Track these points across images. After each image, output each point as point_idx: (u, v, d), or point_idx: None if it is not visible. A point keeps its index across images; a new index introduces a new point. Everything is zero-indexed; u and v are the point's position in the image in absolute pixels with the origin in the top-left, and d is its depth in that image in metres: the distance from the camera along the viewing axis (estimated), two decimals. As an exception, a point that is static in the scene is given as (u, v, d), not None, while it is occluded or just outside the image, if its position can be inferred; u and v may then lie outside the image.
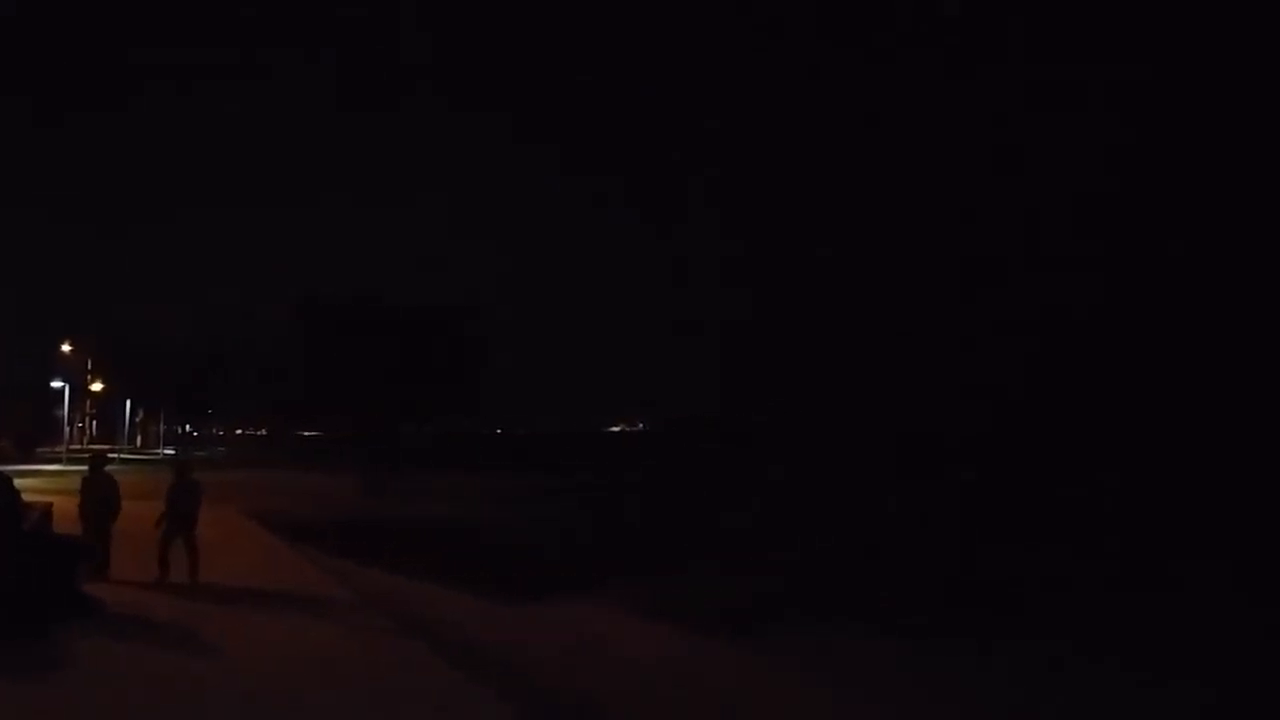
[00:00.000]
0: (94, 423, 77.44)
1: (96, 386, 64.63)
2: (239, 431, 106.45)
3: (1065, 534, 18.09)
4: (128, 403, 71.51)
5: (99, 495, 11.14)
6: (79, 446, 56.55)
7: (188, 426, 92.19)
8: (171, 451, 70.57)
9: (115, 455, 34.49)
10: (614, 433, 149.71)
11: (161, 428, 79.47)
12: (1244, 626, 11.69)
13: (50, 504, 11.69)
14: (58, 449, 48.86)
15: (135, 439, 78.98)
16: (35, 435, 52.77)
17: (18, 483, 9.96)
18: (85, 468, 11.93)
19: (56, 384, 54.25)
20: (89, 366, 63.09)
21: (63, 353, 56.39)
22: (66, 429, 54.80)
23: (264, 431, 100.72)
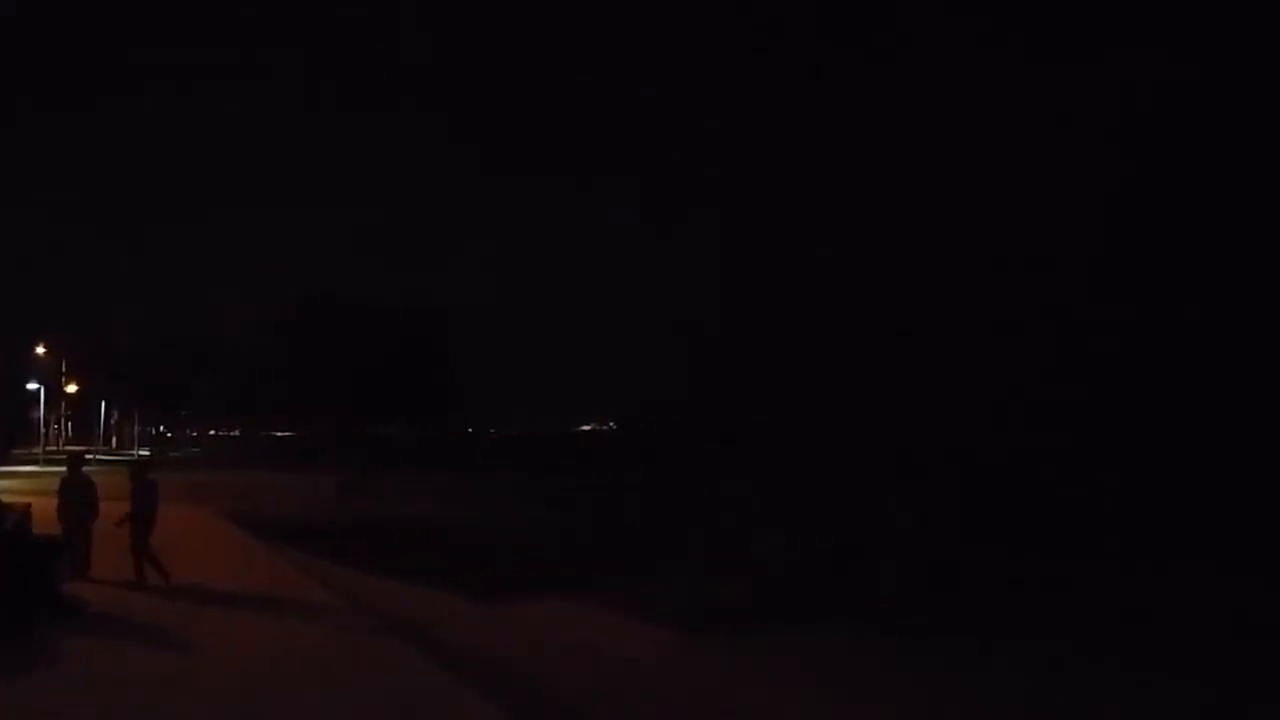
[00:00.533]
0: (69, 424, 76.45)
1: (71, 388, 63.73)
2: (213, 432, 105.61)
3: (1065, 534, 18.11)
4: (103, 404, 70.63)
5: (78, 496, 10.94)
6: (55, 448, 55.73)
7: (162, 427, 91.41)
8: (146, 452, 69.80)
9: (91, 456, 34.04)
10: (586, 431, 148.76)
11: (136, 429, 78.75)
12: (1244, 626, 11.70)
13: (29, 504, 11.43)
14: (34, 450, 48.15)
15: (111, 440, 78.04)
16: (11, 436, 52.04)
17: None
18: (63, 468, 11.75)
19: (31, 385, 53.48)
20: (63, 368, 62.24)
21: (37, 354, 55.61)
22: (42, 430, 54.02)
23: (237, 432, 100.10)
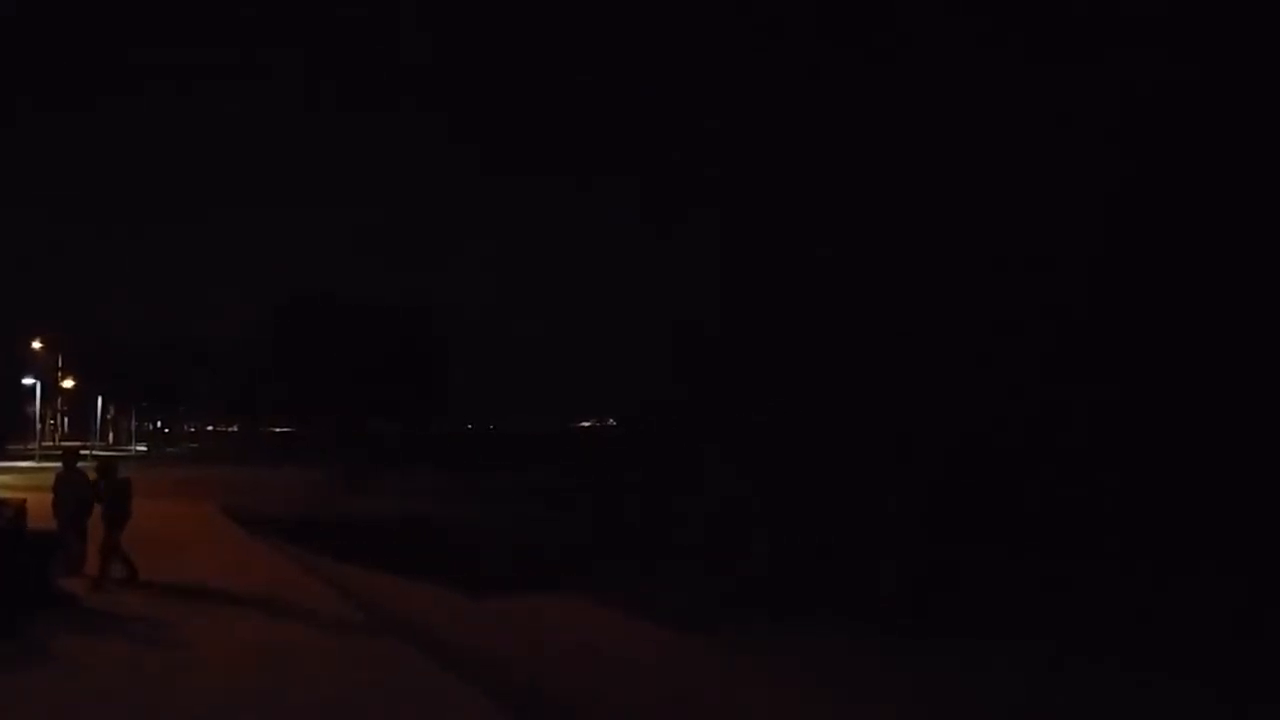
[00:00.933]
0: (65, 419, 76.22)
1: (68, 384, 63.48)
2: (210, 428, 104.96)
3: (1065, 534, 18.09)
4: (99, 399, 70.39)
5: (73, 492, 10.85)
6: (50, 444, 55.57)
7: (159, 423, 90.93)
8: (144, 448, 69.52)
9: (86, 452, 33.82)
10: (585, 429, 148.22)
11: (133, 424, 78.42)
12: (1244, 626, 11.67)
13: (24, 500, 11.34)
14: (30, 446, 47.99)
15: (107, 436, 77.83)
16: (6, 432, 51.89)
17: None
18: (58, 464, 11.67)
19: (28, 381, 53.31)
20: (59, 364, 61.94)
21: (34, 350, 55.40)
22: (38, 426, 53.84)
23: (235, 428, 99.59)
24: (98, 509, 10.71)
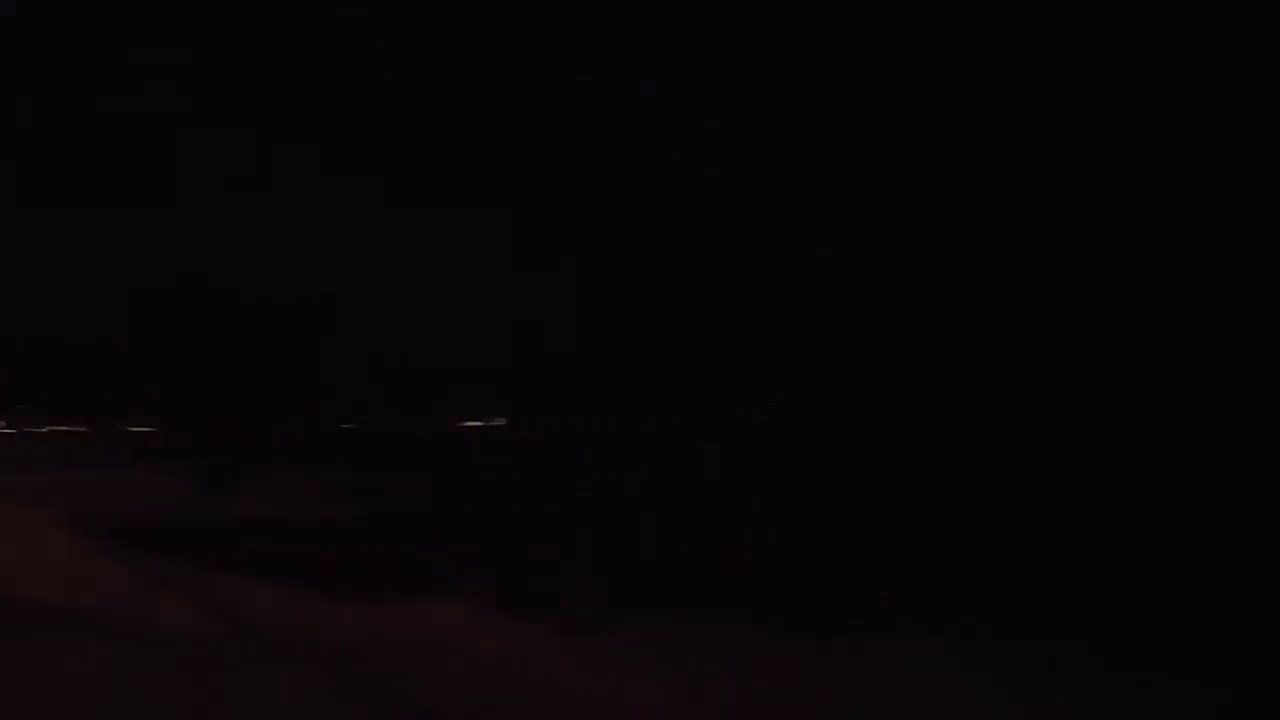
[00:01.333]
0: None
1: None
2: (61, 428, 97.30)
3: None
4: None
5: None
6: None
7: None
8: None
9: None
10: (472, 428, 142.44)
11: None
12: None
13: None
14: None
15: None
16: None
17: None
18: None
19: None
20: None
21: None
22: None
23: (86, 428, 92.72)
24: None
